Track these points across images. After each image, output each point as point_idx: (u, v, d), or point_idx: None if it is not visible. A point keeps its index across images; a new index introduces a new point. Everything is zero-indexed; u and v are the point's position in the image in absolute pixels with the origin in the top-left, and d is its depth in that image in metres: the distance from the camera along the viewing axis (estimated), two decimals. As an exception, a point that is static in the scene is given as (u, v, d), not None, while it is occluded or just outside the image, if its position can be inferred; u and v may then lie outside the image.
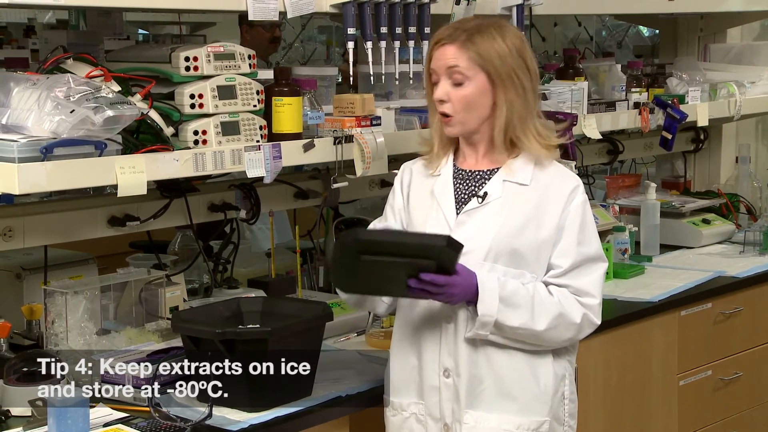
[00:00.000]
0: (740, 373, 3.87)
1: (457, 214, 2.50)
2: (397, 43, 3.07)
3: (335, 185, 3.12)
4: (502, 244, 2.45)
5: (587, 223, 2.51)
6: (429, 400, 2.52)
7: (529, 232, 2.46)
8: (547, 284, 2.48)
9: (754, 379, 3.96)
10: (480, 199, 2.49)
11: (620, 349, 3.39)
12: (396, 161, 3.10)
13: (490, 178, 2.51)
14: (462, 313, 2.46)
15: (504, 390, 2.48)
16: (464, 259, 2.43)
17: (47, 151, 2.38)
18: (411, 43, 3.09)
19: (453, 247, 2.34)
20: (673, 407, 3.62)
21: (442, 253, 2.34)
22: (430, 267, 2.34)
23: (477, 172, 2.53)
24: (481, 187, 2.51)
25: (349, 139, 2.97)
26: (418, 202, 2.56)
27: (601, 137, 3.90)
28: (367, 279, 2.41)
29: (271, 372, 2.50)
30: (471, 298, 2.41)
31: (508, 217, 2.46)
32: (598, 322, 2.52)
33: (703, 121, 4.19)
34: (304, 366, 2.62)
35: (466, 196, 2.52)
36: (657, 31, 5.30)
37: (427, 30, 3.09)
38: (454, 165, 2.56)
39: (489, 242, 2.45)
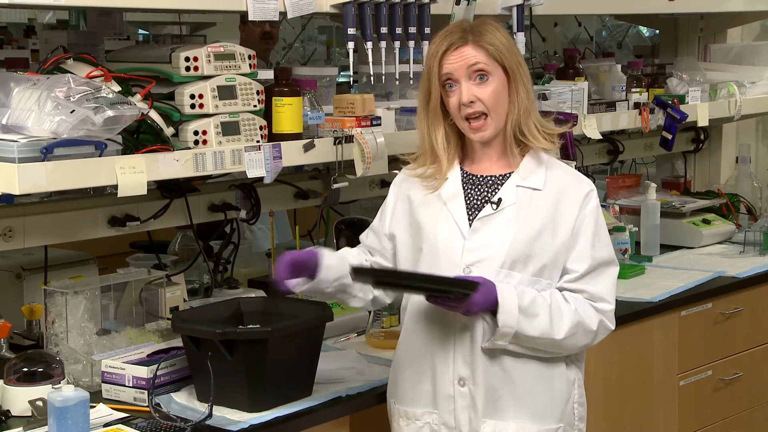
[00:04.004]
0: (740, 374, 3.87)
1: (470, 220, 2.49)
2: (397, 44, 3.07)
3: (335, 185, 3.12)
4: (518, 252, 2.43)
5: (600, 227, 2.50)
6: (443, 409, 2.50)
7: (545, 238, 2.44)
8: (561, 289, 2.47)
9: (754, 379, 3.96)
10: (494, 206, 2.47)
11: (620, 349, 3.39)
12: (396, 161, 3.11)
13: (502, 184, 2.49)
14: (478, 322, 2.44)
15: (520, 398, 2.46)
16: (480, 267, 2.43)
17: (47, 151, 2.38)
18: (411, 43, 3.09)
19: (474, 287, 2.36)
20: (673, 407, 3.62)
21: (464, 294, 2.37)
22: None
23: (489, 178, 2.51)
24: (494, 193, 2.49)
25: (350, 139, 2.98)
26: (426, 209, 2.52)
27: (601, 137, 3.90)
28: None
29: (271, 372, 2.50)
30: (491, 309, 2.40)
31: (523, 223, 2.44)
32: (613, 327, 2.50)
33: (703, 121, 4.19)
34: (304, 366, 2.62)
35: (478, 202, 2.49)
36: (657, 31, 5.30)
37: (427, 30, 3.10)
38: (462, 169, 2.54)
39: (506, 250, 2.43)
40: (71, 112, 2.39)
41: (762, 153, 5.37)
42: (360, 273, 2.43)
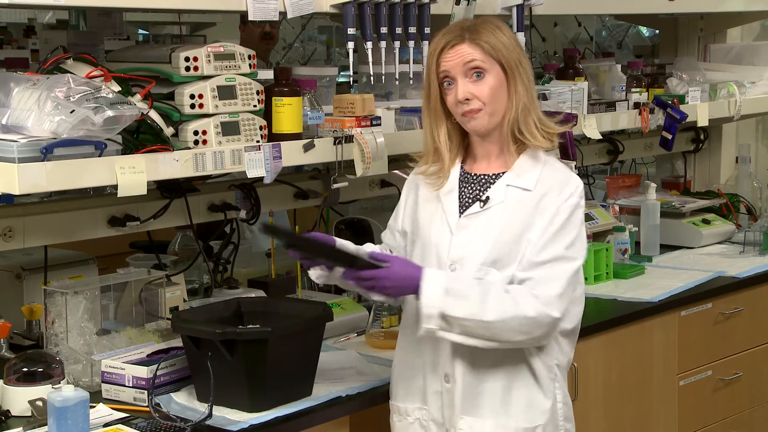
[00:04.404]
0: (740, 374, 3.87)
1: (460, 217, 2.50)
2: (397, 44, 3.07)
3: (335, 185, 3.12)
4: (499, 251, 2.43)
5: (571, 224, 2.44)
6: (432, 405, 2.53)
7: (526, 238, 2.44)
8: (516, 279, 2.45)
9: (754, 379, 3.96)
10: (482, 204, 2.48)
11: (620, 349, 3.39)
12: (396, 161, 3.11)
13: (495, 182, 2.50)
14: None
15: (497, 396, 2.47)
16: (463, 263, 2.44)
17: (47, 151, 2.38)
18: (411, 43, 3.09)
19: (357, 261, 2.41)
20: (673, 407, 3.62)
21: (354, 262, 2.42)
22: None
23: (483, 176, 2.52)
24: (485, 191, 2.50)
25: (349, 139, 2.98)
26: (426, 206, 2.56)
27: (601, 137, 3.90)
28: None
29: (271, 372, 2.50)
30: (413, 291, 2.39)
31: (508, 222, 2.45)
32: (557, 315, 2.39)
33: (703, 121, 4.19)
34: (304, 366, 2.62)
35: (470, 200, 2.51)
36: (657, 31, 5.30)
37: (427, 30, 3.10)
38: (462, 168, 2.55)
39: (488, 248, 2.44)
40: (71, 112, 2.39)
41: (762, 153, 5.37)
42: (270, 231, 2.54)
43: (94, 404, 2.49)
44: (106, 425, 2.42)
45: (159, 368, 2.57)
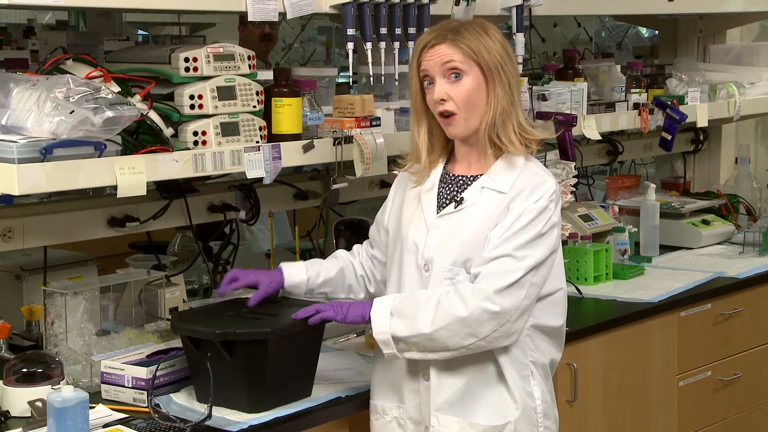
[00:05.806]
0: (740, 374, 3.87)
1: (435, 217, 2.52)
2: (396, 44, 3.07)
3: (335, 186, 3.12)
4: (469, 251, 2.44)
5: (530, 224, 2.42)
6: (409, 403, 2.54)
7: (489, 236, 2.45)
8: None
9: (753, 379, 3.96)
10: (456, 204, 2.50)
11: (620, 349, 3.39)
12: (396, 162, 3.11)
13: (471, 184, 2.51)
14: None
15: (466, 394, 2.47)
16: (435, 264, 2.47)
17: (47, 151, 2.38)
18: (410, 44, 3.09)
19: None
20: (672, 408, 3.62)
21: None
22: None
23: (461, 177, 2.53)
24: (462, 192, 2.51)
25: (349, 139, 2.98)
26: (409, 205, 2.58)
27: (600, 138, 3.90)
28: None
29: (271, 373, 2.50)
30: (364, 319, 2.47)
31: (480, 224, 2.45)
32: (496, 309, 2.36)
33: (702, 122, 4.19)
34: (304, 367, 2.62)
35: (447, 201, 2.53)
36: (656, 31, 5.31)
37: (426, 30, 3.09)
38: (445, 169, 2.56)
39: (457, 248, 2.45)
40: (71, 113, 2.39)
41: (761, 153, 5.37)
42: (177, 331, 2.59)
43: (93, 405, 2.49)
44: (105, 426, 2.42)
45: (158, 369, 2.56)
